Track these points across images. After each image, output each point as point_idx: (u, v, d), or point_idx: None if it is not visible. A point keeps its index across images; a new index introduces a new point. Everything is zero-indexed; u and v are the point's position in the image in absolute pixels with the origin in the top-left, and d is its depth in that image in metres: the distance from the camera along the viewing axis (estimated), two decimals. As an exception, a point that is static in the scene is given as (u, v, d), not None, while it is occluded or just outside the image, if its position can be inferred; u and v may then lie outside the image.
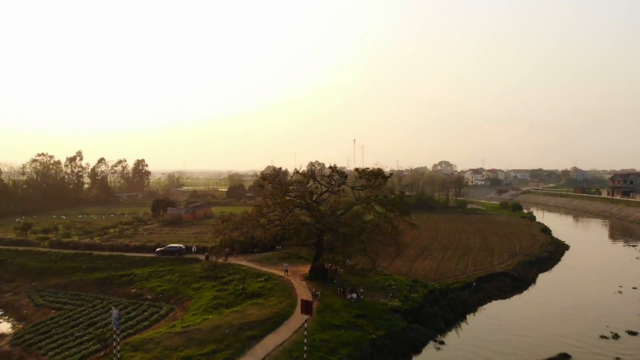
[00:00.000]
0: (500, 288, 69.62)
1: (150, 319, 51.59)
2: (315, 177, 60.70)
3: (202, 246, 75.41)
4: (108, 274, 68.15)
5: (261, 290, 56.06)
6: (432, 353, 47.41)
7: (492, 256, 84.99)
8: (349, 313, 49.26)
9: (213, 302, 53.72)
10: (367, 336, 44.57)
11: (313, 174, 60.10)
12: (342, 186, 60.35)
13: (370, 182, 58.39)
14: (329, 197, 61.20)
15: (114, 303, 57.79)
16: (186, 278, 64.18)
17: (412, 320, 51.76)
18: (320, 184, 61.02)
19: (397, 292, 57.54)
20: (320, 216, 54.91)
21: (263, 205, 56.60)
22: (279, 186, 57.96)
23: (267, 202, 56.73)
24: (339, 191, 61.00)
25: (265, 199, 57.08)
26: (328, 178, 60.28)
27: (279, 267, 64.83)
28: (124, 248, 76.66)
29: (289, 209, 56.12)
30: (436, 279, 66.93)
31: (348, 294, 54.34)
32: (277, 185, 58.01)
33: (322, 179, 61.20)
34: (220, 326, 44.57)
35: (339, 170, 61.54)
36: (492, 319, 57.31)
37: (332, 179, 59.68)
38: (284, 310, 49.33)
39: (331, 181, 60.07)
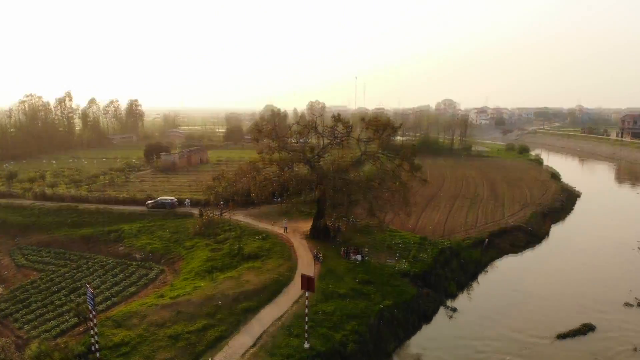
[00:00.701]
0: (513, 243, 65.58)
1: (137, 284, 47.53)
2: (317, 128, 54.76)
3: (196, 199, 70.63)
4: (94, 229, 63.76)
5: (258, 251, 51.73)
6: (444, 323, 43.62)
7: (503, 207, 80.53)
8: (354, 278, 45.10)
9: (206, 265, 49.51)
10: (374, 307, 40.53)
11: (315, 125, 54.13)
12: (347, 138, 54.58)
13: (377, 133, 52.57)
14: (332, 150, 55.63)
15: (100, 263, 53.70)
16: (178, 235, 59.80)
17: (422, 284, 47.80)
18: (322, 136, 55.21)
19: (405, 252, 53.29)
20: (322, 173, 49.61)
21: (258, 160, 51.13)
22: (276, 139, 52.17)
23: (263, 157, 51.20)
24: (343, 142, 55.25)
25: (261, 153, 51.51)
26: (331, 129, 54.36)
27: (277, 223, 60.33)
28: (112, 201, 71.94)
29: (288, 166, 50.74)
30: (445, 235, 62.67)
31: (352, 254, 50.06)
32: (274, 138, 52.20)
33: (324, 130, 55.34)
34: (212, 297, 40.42)
35: (343, 120, 55.49)
36: (507, 280, 53.40)
37: (336, 130, 53.81)
38: (283, 276, 45.14)
39: (334, 132, 54.23)
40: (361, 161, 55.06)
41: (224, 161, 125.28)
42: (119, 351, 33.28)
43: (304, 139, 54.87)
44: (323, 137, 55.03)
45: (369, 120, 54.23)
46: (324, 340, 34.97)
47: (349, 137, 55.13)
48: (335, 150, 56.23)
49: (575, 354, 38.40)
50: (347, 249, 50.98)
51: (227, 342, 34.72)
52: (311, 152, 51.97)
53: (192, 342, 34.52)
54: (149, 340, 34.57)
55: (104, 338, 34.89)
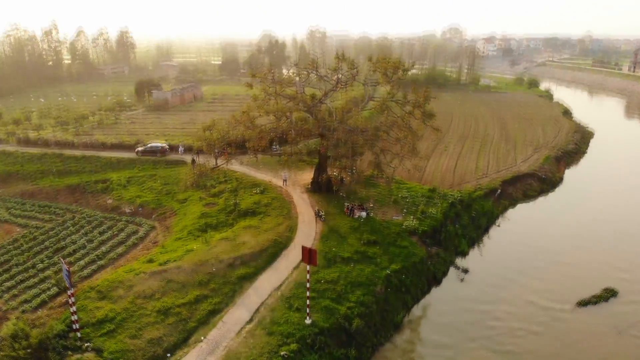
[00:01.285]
0: (526, 192, 62.01)
1: (126, 243, 44.27)
2: (318, 70, 49.14)
3: (189, 145, 66.15)
4: (81, 179, 59.86)
5: (256, 207, 48.07)
6: (455, 285, 40.76)
7: (515, 150, 76.20)
8: (358, 239, 41.72)
9: (200, 222, 46.05)
10: (381, 272, 37.40)
11: (316, 68, 48.48)
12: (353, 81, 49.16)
13: (386, 76, 47.16)
14: (336, 95, 50.47)
15: (86, 219, 50.25)
16: (170, 187, 55.97)
17: (431, 242, 44.57)
18: (324, 79, 49.72)
19: (412, 206, 49.65)
20: (324, 123, 44.89)
21: (253, 108, 46.15)
22: (272, 84, 46.77)
23: (259, 106, 46.13)
24: (348, 85, 49.86)
25: (256, 100, 46.34)
26: (334, 71, 48.78)
27: (277, 174, 56.27)
28: (99, 146, 67.47)
29: (286, 116, 45.85)
30: (455, 185, 58.86)
31: (356, 211, 46.45)
32: (270, 84, 46.79)
33: (327, 73, 49.89)
34: (206, 262, 37.18)
35: (347, 59, 49.80)
36: (520, 235, 50.19)
37: (340, 72, 48.30)
38: (282, 237, 41.75)
39: (338, 74, 48.77)
40: (367, 107, 50.00)
41: (219, 98, 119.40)
42: (102, 329, 30.41)
43: (303, 82, 49.54)
44: (325, 80, 49.61)
45: (377, 61, 48.55)
46: (327, 314, 32.04)
47: (354, 79, 49.75)
48: (340, 94, 51.07)
49: (596, 323, 35.73)
50: (350, 205, 47.28)
51: (222, 317, 31.83)
52: (312, 99, 46.82)
53: (183, 317, 31.60)
54: (135, 315, 31.64)
55: (86, 312, 31.98)
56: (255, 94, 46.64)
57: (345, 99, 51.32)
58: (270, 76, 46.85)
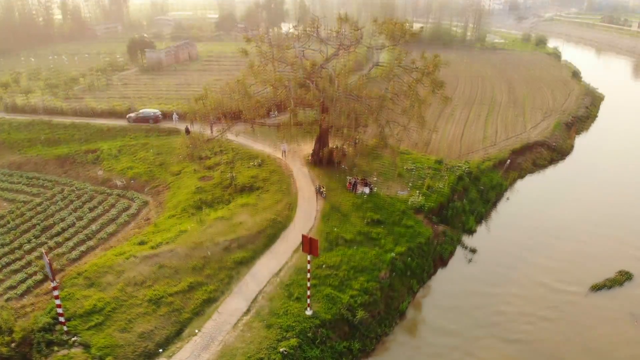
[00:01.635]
0: (535, 162, 59.52)
1: (117, 221, 42.13)
2: (319, 33, 45.50)
3: (183, 112, 62.95)
4: (70, 148, 57.11)
5: (254, 181, 45.67)
6: (462, 267, 38.88)
7: (524, 115, 73.08)
8: (362, 218, 39.55)
9: (194, 198, 43.80)
10: (385, 255, 35.41)
11: (316, 29, 44.82)
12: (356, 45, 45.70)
13: (393, 40, 43.69)
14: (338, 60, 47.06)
15: (76, 192, 47.95)
16: (163, 157, 53.37)
17: (438, 220, 42.47)
18: (326, 43, 46.14)
19: (418, 180, 47.29)
20: (324, 92, 41.81)
21: (249, 76, 42.91)
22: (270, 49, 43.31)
23: (255, 71, 42.85)
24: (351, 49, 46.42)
25: (251, 67, 43.01)
26: (336, 35, 45.19)
27: (275, 144, 53.50)
28: (89, 113, 64.32)
29: (284, 85, 42.66)
30: (462, 155, 56.25)
31: (359, 186, 44.09)
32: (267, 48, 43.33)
33: (328, 35, 46.29)
34: (200, 245, 35.13)
35: (350, 21, 46.16)
36: (529, 210, 48.05)
37: (342, 36, 44.72)
38: (282, 216, 39.56)
39: (341, 38, 45.20)
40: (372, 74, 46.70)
41: (215, 57, 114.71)
42: (90, 321, 28.63)
43: (303, 46, 46.03)
44: (327, 44, 46.05)
45: (382, 23, 44.89)
46: (329, 303, 30.22)
47: (359, 42, 46.27)
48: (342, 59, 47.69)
49: (611, 308, 34.05)
50: (353, 179, 44.85)
51: (217, 307, 30.02)
52: (312, 67, 43.45)
53: (176, 307, 29.79)
54: (125, 305, 29.82)
55: (73, 302, 30.15)
56: (250, 62, 43.33)
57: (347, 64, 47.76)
58: (267, 39, 43.36)
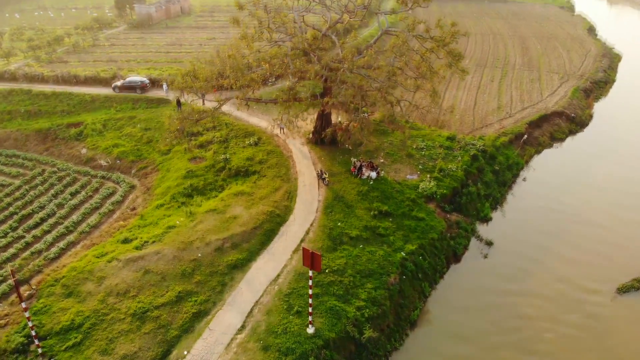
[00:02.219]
0: (553, 135, 55.43)
1: (100, 211, 38.63)
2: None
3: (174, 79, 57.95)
4: (52, 122, 52.81)
5: (249, 164, 41.78)
6: (477, 264, 35.64)
7: (540, 80, 68.15)
8: (368, 209, 35.97)
9: (185, 184, 40.09)
10: (395, 255, 32.12)
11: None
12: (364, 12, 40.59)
13: (404, 4, 38.62)
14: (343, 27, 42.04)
15: (57, 174, 44.22)
16: (151, 133, 49.18)
17: (450, 208, 38.98)
18: (328, 8, 40.90)
19: (429, 160, 43.40)
20: (327, 68, 37.20)
21: (240, 48, 38.09)
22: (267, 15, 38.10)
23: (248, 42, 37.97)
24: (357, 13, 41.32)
25: (244, 38, 37.99)
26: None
27: (272, 118, 48.73)
28: (72, 80, 59.39)
29: (282, 61, 37.87)
30: (476, 128, 52.11)
31: (365, 170, 40.26)
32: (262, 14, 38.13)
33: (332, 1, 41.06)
34: (190, 245, 31.76)
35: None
36: (549, 191, 44.38)
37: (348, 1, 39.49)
38: (280, 208, 35.98)
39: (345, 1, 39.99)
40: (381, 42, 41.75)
41: (209, 10, 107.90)
42: (67, 340, 25.73)
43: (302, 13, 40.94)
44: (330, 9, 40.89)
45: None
46: (333, 318, 27.12)
47: (366, 8, 41.17)
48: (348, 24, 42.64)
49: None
50: (358, 162, 40.97)
51: (209, 322, 26.97)
52: (314, 38, 38.49)
53: (163, 323, 26.75)
54: (106, 320, 26.80)
55: (50, 316, 27.19)
56: (243, 33, 38.35)
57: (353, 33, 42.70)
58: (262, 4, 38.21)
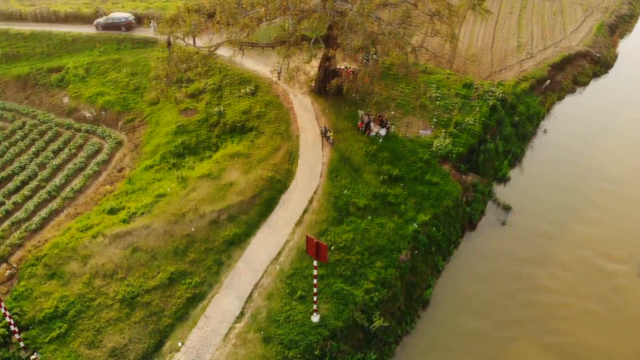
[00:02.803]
0: (576, 78, 51.13)
1: (85, 172, 35.37)
2: None
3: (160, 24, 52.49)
4: (31, 66, 48.29)
5: (246, 118, 37.98)
6: (494, 233, 32.82)
7: (562, 13, 62.36)
8: (377, 173, 32.76)
9: (175, 141, 36.54)
10: (407, 228, 29.36)
11: None
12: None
13: None
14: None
15: (38, 128, 40.63)
16: (138, 79, 44.81)
17: (466, 168, 35.77)
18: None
19: (444, 112, 39.57)
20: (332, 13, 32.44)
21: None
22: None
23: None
24: None
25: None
26: None
27: (269, 61, 44.15)
28: (51, 18, 53.79)
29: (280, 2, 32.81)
30: (494, 71, 47.68)
31: (374, 125, 36.64)
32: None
33: None
34: (182, 217, 28.95)
35: None
36: (571, 145, 40.96)
37: None
38: (280, 172, 32.77)
39: None
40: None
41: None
42: (51, 330, 23.71)
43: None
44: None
45: None
46: (340, 304, 24.83)
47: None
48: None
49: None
50: (366, 116, 37.19)
51: (204, 308, 24.78)
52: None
53: (155, 310, 24.55)
54: (93, 307, 24.60)
55: (32, 302, 25.04)
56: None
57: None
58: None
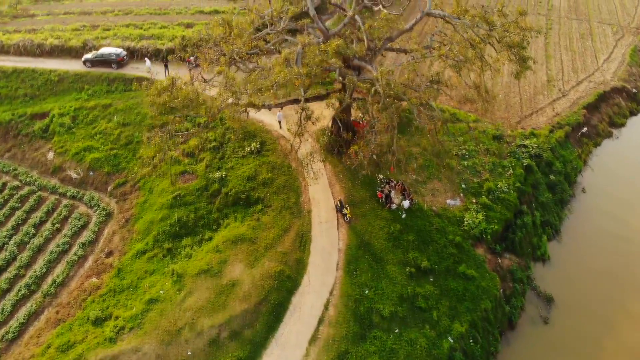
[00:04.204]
0: (612, 119, 46.59)
1: (69, 257, 31.08)
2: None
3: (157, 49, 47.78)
4: (14, 111, 43.72)
5: (251, 187, 33.20)
6: (535, 335, 28.44)
7: (592, 35, 57.32)
8: (402, 264, 28.37)
9: (171, 218, 32.12)
10: (441, 344, 25.12)
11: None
12: None
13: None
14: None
15: (18, 194, 36.37)
16: (130, 130, 40.15)
17: (502, 248, 31.38)
18: None
19: (473, 174, 35.01)
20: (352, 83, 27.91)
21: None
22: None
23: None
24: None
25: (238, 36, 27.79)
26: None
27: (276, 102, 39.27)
28: (35, 51, 48.96)
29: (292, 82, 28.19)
30: (525, 115, 42.87)
31: (394, 193, 32.10)
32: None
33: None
34: (177, 335, 24.68)
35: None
36: (614, 206, 36.30)
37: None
38: (290, 263, 28.36)
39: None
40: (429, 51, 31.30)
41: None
42: None
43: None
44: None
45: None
46: None
47: None
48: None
49: None
50: (386, 184, 32.66)
51: None
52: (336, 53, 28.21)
53: None
54: None
55: None
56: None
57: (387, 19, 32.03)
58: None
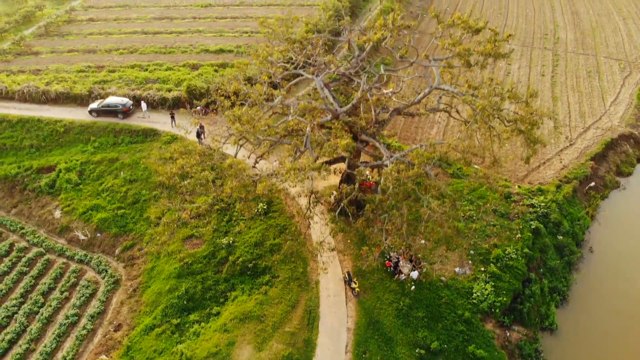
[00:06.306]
0: (619, 168, 46.31)
1: (78, 331, 31.03)
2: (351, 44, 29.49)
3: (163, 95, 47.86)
4: (19, 163, 43.81)
5: (258, 255, 33.12)
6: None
7: (598, 73, 57.26)
8: (412, 345, 28.18)
9: (179, 289, 32.08)
10: None
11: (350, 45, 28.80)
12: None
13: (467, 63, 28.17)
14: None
15: (26, 252, 36.43)
16: (137, 187, 40.21)
17: (509, 320, 31.25)
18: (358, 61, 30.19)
19: (482, 238, 34.89)
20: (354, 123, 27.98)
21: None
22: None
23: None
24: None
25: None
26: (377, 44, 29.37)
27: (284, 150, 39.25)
28: (40, 98, 49.13)
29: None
30: (531, 168, 42.75)
31: (403, 263, 32.03)
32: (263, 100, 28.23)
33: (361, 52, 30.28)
34: None
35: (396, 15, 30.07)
36: (623, 270, 36.20)
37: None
38: (299, 344, 28.18)
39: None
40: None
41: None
42: None
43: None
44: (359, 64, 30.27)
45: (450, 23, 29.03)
46: None
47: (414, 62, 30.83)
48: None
49: None
50: (394, 255, 32.59)
51: None
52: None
53: None
54: None
55: None
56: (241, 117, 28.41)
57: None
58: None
